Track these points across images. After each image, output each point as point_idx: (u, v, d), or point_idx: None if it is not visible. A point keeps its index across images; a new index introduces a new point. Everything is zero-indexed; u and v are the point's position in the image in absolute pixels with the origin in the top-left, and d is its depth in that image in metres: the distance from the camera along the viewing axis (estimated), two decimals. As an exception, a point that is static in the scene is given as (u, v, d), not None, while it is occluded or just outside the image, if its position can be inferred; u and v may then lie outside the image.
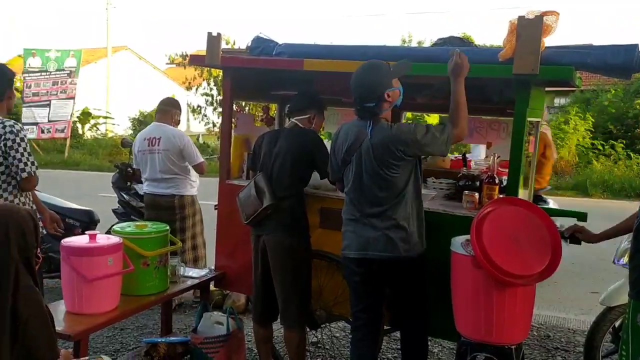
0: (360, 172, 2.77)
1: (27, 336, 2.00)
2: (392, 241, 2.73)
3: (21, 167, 3.05)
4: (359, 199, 2.79)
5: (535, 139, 3.81)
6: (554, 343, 4.27)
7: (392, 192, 2.73)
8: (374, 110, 2.76)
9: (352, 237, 2.82)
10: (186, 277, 3.59)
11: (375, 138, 2.72)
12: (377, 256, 2.75)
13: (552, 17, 2.75)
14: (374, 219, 2.75)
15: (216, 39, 3.50)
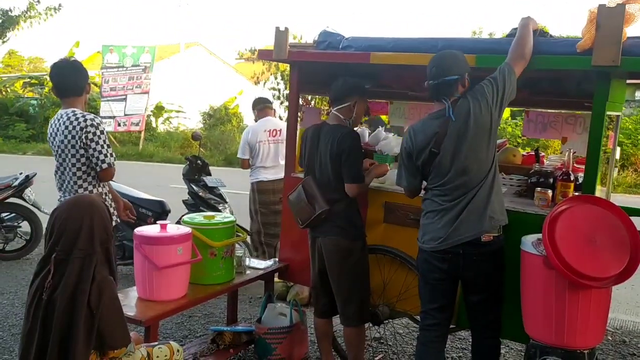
0: (453, 157, 2.68)
1: (102, 324, 2.11)
2: (481, 220, 2.66)
3: (101, 158, 3.19)
4: (451, 185, 2.71)
5: (615, 134, 3.61)
6: (630, 349, 4.05)
7: (484, 168, 2.68)
8: (455, 85, 2.71)
9: (439, 228, 2.73)
10: (252, 267, 3.67)
11: (459, 116, 2.67)
12: (468, 237, 2.66)
13: (635, 5, 2.58)
14: (467, 202, 2.68)
15: (284, 34, 3.53)
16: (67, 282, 2.09)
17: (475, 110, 2.66)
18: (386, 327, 3.91)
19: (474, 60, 2.96)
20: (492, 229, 2.69)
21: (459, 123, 2.67)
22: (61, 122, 3.20)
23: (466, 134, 2.66)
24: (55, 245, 2.13)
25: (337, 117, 3.18)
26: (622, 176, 13.35)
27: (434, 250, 2.74)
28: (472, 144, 2.66)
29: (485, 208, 2.67)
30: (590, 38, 2.63)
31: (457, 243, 2.68)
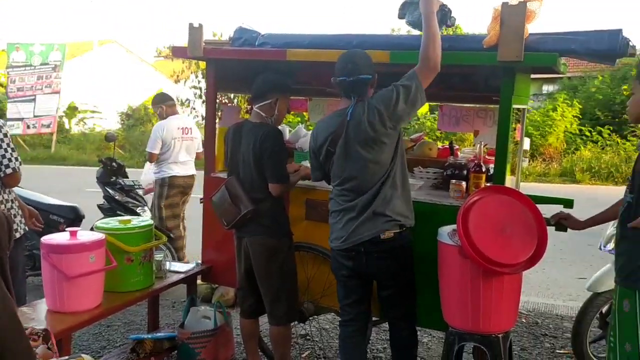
0: (346, 157, 2.71)
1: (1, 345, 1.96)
2: (379, 220, 2.68)
3: (5, 163, 2.98)
4: (348, 185, 2.74)
5: (522, 126, 3.79)
6: (542, 329, 4.28)
7: (378, 171, 2.68)
8: (367, 83, 2.71)
9: (340, 228, 2.78)
10: (172, 271, 3.56)
11: (355, 117, 2.67)
12: (367, 237, 2.69)
13: (535, 3, 2.72)
14: (364, 204, 2.70)
15: (198, 30, 3.44)
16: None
17: (370, 116, 2.65)
18: (312, 324, 3.92)
19: (388, 56, 3.02)
20: (392, 227, 2.72)
21: (354, 124, 2.68)
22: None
23: (358, 137, 2.67)
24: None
25: (258, 115, 3.13)
26: (532, 166, 14.16)
27: (339, 249, 2.79)
28: (364, 147, 2.67)
29: (384, 209, 2.69)
30: (495, 35, 2.74)
31: (357, 242, 2.72)
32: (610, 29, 2.71)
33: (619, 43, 2.67)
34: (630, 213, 2.35)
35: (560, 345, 3.99)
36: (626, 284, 2.36)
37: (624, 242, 2.39)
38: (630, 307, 2.32)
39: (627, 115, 2.51)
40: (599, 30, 2.74)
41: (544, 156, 14.86)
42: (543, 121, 15.51)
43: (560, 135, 15.17)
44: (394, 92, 2.64)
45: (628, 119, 2.53)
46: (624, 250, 2.39)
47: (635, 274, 2.31)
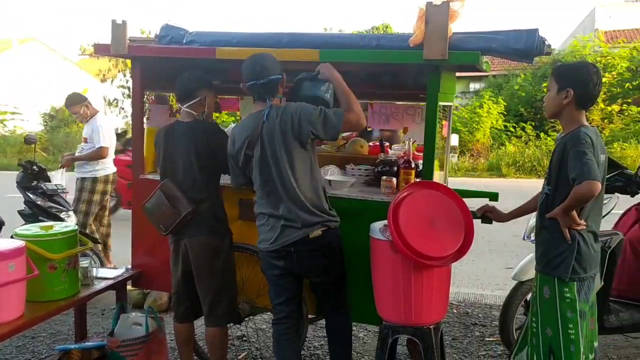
0: (262, 161, 2.72)
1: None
2: (308, 221, 2.71)
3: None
4: (270, 187, 2.74)
5: (448, 123, 3.91)
6: (472, 319, 4.44)
7: (300, 173, 2.70)
8: (277, 84, 2.74)
9: (268, 230, 2.78)
10: (100, 278, 3.42)
11: (269, 120, 2.69)
12: (295, 237, 2.71)
13: (458, 3, 2.81)
14: (287, 206, 2.71)
15: (122, 27, 3.33)
16: None
17: (283, 122, 2.67)
18: (248, 325, 3.88)
19: (318, 54, 3.03)
20: (319, 227, 2.74)
21: (269, 127, 2.70)
22: None
23: (272, 141, 2.69)
24: None
25: (189, 114, 3.06)
26: (462, 161, 14.68)
27: (268, 250, 2.79)
28: (279, 150, 2.69)
29: (308, 210, 2.71)
30: (421, 34, 2.81)
31: (286, 243, 2.73)
32: (528, 29, 2.85)
33: (536, 42, 2.81)
34: (548, 204, 2.48)
35: (490, 333, 4.15)
36: (545, 271, 2.49)
37: (543, 232, 2.52)
38: (550, 294, 2.45)
39: (544, 111, 2.64)
40: (518, 30, 2.87)
41: (472, 152, 15.43)
42: (470, 118, 16.12)
43: (486, 131, 15.80)
44: (319, 113, 2.66)
45: (545, 115, 2.66)
46: (543, 239, 2.52)
47: (553, 262, 2.44)
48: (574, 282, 2.42)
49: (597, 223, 2.51)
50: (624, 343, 3.90)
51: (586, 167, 2.25)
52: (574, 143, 2.33)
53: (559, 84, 2.46)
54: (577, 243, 2.40)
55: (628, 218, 3.66)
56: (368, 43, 3.08)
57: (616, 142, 13.92)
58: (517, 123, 16.20)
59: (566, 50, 18.01)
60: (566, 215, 2.36)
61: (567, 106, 2.45)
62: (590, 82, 2.41)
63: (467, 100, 19.05)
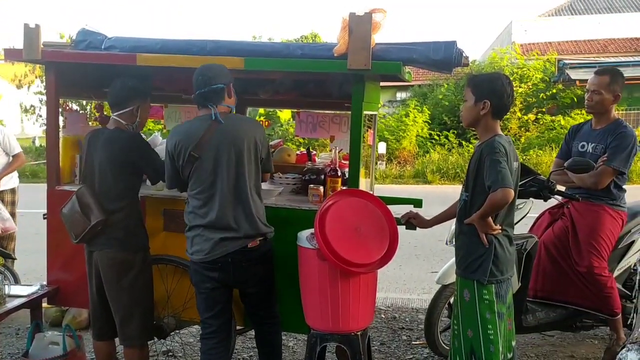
0: (218, 163, 2.69)
1: None
2: (250, 232, 2.72)
3: None
4: (213, 192, 2.70)
5: (373, 131, 3.98)
6: (400, 323, 4.53)
7: (254, 181, 2.76)
8: (221, 93, 2.76)
9: (204, 241, 2.73)
10: (12, 296, 3.22)
11: (229, 125, 2.72)
12: (234, 247, 2.70)
13: (379, 15, 2.87)
14: (236, 212, 2.71)
15: (35, 31, 3.17)
16: None
17: (247, 137, 2.74)
18: (174, 339, 3.77)
19: (242, 62, 3.01)
20: (258, 236, 2.77)
21: (226, 131, 2.71)
22: None
23: (229, 147, 2.70)
24: None
25: (118, 122, 2.96)
26: (389, 169, 15.02)
27: (203, 261, 2.74)
28: (237, 157, 2.72)
29: (249, 219, 2.73)
30: (345, 43, 2.85)
31: (223, 254, 2.71)
32: (447, 40, 2.95)
33: (454, 53, 2.92)
34: (466, 210, 2.58)
35: (416, 336, 4.24)
36: (465, 275, 2.58)
37: (462, 237, 2.61)
38: (470, 296, 2.54)
39: (461, 121, 2.74)
40: (437, 42, 2.97)
41: (399, 159, 15.82)
42: (397, 126, 16.54)
43: (413, 139, 16.26)
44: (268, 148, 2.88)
45: (463, 124, 2.77)
46: (462, 244, 2.61)
47: (472, 266, 2.53)
48: (492, 285, 2.52)
49: (512, 227, 2.63)
50: (540, 341, 4.10)
51: (500, 175, 2.36)
52: (489, 152, 2.44)
53: (476, 95, 2.57)
54: (494, 247, 2.50)
55: (542, 222, 3.85)
56: (293, 52, 3.09)
57: (532, 150, 14.70)
58: (441, 131, 16.78)
59: (486, 62, 18.87)
60: (482, 221, 2.46)
61: (484, 116, 2.56)
62: (505, 93, 2.53)
63: (393, 109, 19.53)
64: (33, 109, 15.62)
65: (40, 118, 15.63)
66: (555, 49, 19.62)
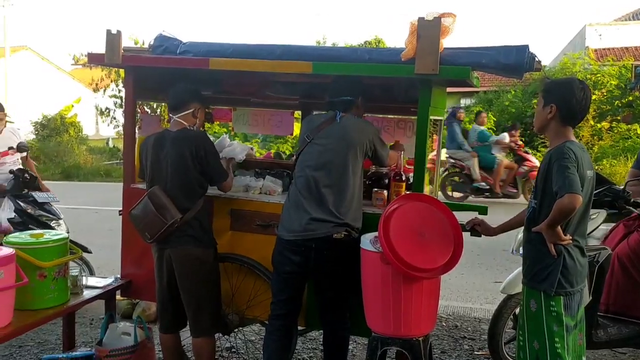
0: (319, 152, 2.91)
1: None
2: (333, 220, 2.84)
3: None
4: (317, 177, 2.88)
5: (439, 137, 3.95)
6: (462, 332, 4.45)
7: (345, 173, 2.89)
8: (350, 103, 3.05)
9: (294, 220, 2.87)
10: (89, 287, 3.41)
11: (343, 121, 2.97)
12: (320, 234, 2.82)
13: (449, 19, 2.86)
14: (321, 200, 2.86)
15: (116, 37, 3.35)
16: None
17: (356, 131, 2.95)
18: (237, 336, 3.87)
19: (311, 67, 3.06)
20: (343, 229, 2.84)
21: (340, 126, 2.93)
22: None
23: (337, 139, 2.91)
24: None
25: (180, 124, 3.10)
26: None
27: (287, 239, 2.88)
28: (341, 147, 2.90)
29: (339, 209, 2.84)
30: (412, 48, 2.85)
31: (309, 237, 2.82)
32: (518, 45, 2.89)
33: (526, 58, 2.85)
34: (534, 218, 2.51)
35: (479, 347, 4.16)
36: (532, 285, 2.51)
37: (529, 246, 2.54)
38: (537, 307, 2.47)
39: (533, 126, 2.68)
40: (508, 46, 2.91)
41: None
42: (461, 133, 16.19)
43: (477, 146, 15.88)
44: (378, 145, 3.05)
45: (534, 130, 2.70)
46: (529, 253, 2.54)
47: (539, 276, 2.47)
48: (561, 297, 2.44)
49: (584, 237, 2.54)
50: (612, 358, 3.92)
51: (567, 180, 2.28)
52: (558, 157, 2.37)
53: (545, 99, 2.51)
54: (563, 257, 2.42)
55: (616, 233, 3.69)
56: (360, 56, 3.12)
57: (605, 159, 14.04)
58: (507, 139, 16.30)
59: (557, 67, 18.21)
60: (551, 229, 2.38)
61: (551, 121, 2.50)
62: (573, 99, 2.45)
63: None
64: (108, 112, 16.40)
65: (114, 120, 16.39)
66: (632, 55, 18.67)
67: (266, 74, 3.30)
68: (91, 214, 9.23)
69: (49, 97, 21.69)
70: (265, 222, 3.26)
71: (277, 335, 3.00)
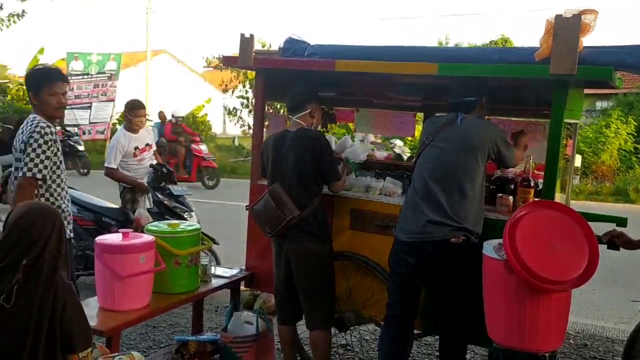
0: (438, 154, 2.89)
1: (65, 321, 2.14)
2: (451, 223, 2.80)
3: (29, 166, 2.92)
4: (435, 179, 2.86)
5: (573, 142, 3.71)
6: (592, 352, 4.14)
7: (464, 175, 2.85)
8: (473, 104, 2.96)
9: (412, 221, 2.86)
10: (217, 276, 3.63)
11: (464, 123, 2.91)
12: (437, 237, 2.80)
13: (590, 16, 2.67)
14: (439, 203, 2.82)
15: (249, 41, 3.52)
16: (36, 287, 2.09)
17: (476, 142, 2.87)
18: (352, 334, 3.91)
19: (436, 68, 3.02)
20: (461, 233, 2.78)
21: (460, 129, 2.88)
22: (22, 126, 3.11)
23: (457, 141, 2.87)
24: (25, 251, 2.11)
25: (299, 124, 3.24)
26: (584, 184, 13.72)
27: (404, 241, 2.87)
28: (461, 149, 2.86)
29: (458, 212, 2.79)
30: (548, 47, 2.70)
31: (426, 240, 2.80)
32: (670, 43, 2.64)
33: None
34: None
35: (610, 369, 3.85)
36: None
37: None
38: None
39: None
40: (658, 44, 2.67)
41: (596, 174, 14.37)
42: (595, 138, 15.02)
43: (614, 152, 14.65)
44: (504, 146, 2.96)
45: None
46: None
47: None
48: None
49: None
50: None
51: None
52: None
53: None
54: None
55: None
56: (489, 57, 3.02)
57: None
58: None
59: None
60: None
61: None
62: None
63: (592, 119, 17.80)
64: (235, 111, 17.31)
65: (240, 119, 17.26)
66: None
67: (389, 75, 3.30)
68: (218, 208, 9.80)
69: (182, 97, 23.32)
70: (384, 222, 3.26)
71: (391, 336, 3.01)
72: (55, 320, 2.11)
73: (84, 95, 16.15)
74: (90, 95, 16.16)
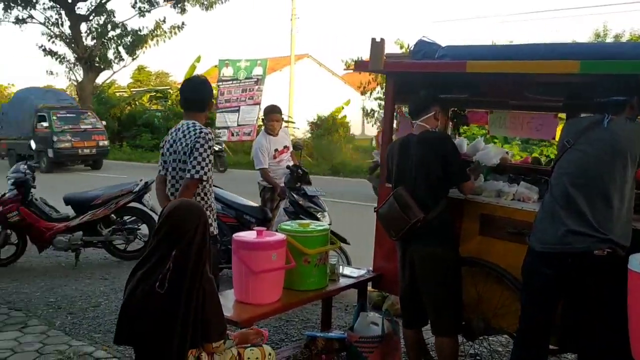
0: (585, 158, 2.67)
1: (206, 309, 2.39)
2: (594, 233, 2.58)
3: (197, 168, 3.15)
4: (577, 186, 2.66)
5: None
6: None
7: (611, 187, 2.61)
8: (622, 104, 2.70)
9: (549, 229, 2.69)
10: (345, 276, 3.72)
11: (611, 126, 2.65)
12: (578, 249, 2.59)
13: None
14: (582, 211, 2.61)
15: (379, 45, 3.57)
16: (184, 276, 2.34)
17: (625, 147, 2.61)
18: (482, 344, 3.77)
19: (578, 66, 2.82)
20: (606, 245, 2.55)
21: (608, 132, 2.64)
22: (181, 131, 3.30)
23: (604, 145, 2.63)
24: (175, 243, 2.38)
25: (423, 127, 3.23)
26: None
27: (541, 251, 2.69)
28: (609, 154, 2.62)
29: (602, 222, 2.57)
30: None
31: (565, 251, 2.61)
32: None
33: None
34: None
35: None
36: None
37: None
38: None
39: None
40: None
41: None
42: None
43: None
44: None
45: None
46: None
47: None
48: None
49: None
50: None
51: None
52: None
53: None
54: None
55: None
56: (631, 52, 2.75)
57: None
58: None
59: None
60: None
61: None
62: None
63: None
64: (372, 113, 17.49)
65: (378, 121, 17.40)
66: None
67: (525, 74, 3.14)
68: (352, 208, 9.97)
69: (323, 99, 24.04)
70: (517, 229, 3.11)
71: (525, 351, 2.84)
72: (199, 306, 2.36)
73: (233, 99, 17.30)
74: (239, 99, 17.26)
